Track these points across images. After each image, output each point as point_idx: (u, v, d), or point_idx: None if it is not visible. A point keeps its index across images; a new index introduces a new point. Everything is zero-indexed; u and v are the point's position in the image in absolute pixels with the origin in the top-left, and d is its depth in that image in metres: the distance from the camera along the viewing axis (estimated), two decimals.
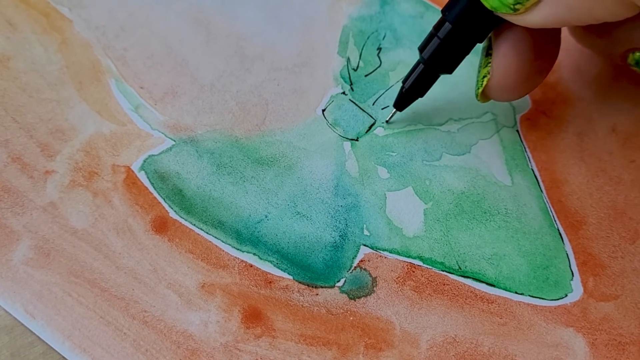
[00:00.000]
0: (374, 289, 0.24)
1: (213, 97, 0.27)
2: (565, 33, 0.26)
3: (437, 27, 0.23)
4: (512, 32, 0.22)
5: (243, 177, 0.25)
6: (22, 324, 0.22)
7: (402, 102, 0.26)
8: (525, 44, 0.22)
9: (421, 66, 0.25)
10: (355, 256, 0.24)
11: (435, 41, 0.24)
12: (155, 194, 0.24)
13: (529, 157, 0.27)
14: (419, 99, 0.26)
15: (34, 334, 0.22)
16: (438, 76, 0.25)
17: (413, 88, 0.25)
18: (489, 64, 0.23)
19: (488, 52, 0.24)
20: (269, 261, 0.24)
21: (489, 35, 0.23)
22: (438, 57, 0.24)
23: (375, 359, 0.22)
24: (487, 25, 0.23)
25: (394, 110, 0.27)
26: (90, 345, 0.22)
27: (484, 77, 0.24)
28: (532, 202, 0.26)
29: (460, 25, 0.23)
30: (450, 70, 0.24)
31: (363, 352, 0.22)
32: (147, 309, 0.22)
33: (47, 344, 0.22)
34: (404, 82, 0.26)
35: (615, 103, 0.28)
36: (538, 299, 0.24)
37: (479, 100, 0.24)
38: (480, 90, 0.24)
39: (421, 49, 0.24)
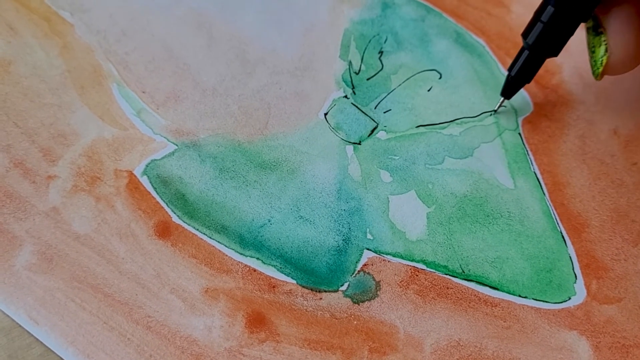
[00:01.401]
0: (378, 293, 0.24)
1: (215, 101, 0.27)
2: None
3: (540, 11, 0.24)
4: (621, 8, 0.23)
5: (246, 182, 0.25)
6: (20, 326, 0.22)
7: (509, 90, 0.27)
8: (636, 16, 0.23)
9: (526, 52, 0.25)
10: (359, 260, 0.24)
11: (539, 26, 0.24)
12: (158, 199, 0.24)
13: (531, 160, 0.27)
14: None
15: (32, 335, 0.22)
16: (544, 60, 0.25)
17: (520, 75, 0.26)
18: (604, 42, 0.24)
19: (598, 31, 0.24)
20: (272, 265, 0.24)
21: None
22: (543, 41, 0.24)
23: None
24: (590, 4, 0.23)
25: (502, 99, 0.27)
26: (94, 351, 0.21)
27: (602, 56, 0.24)
28: (535, 205, 0.26)
29: (563, 7, 0.23)
30: (556, 53, 0.25)
31: (367, 356, 0.22)
32: (150, 314, 0.22)
33: (44, 345, 0.22)
34: (509, 69, 0.26)
35: (616, 106, 0.28)
36: (541, 302, 0.24)
37: (597, 79, 0.25)
38: (601, 69, 0.24)
39: (524, 35, 0.25)
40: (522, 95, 0.28)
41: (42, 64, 0.27)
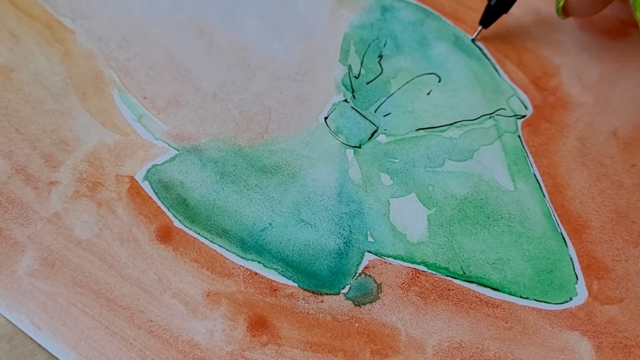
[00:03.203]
0: (379, 295, 0.24)
1: (216, 106, 0.27)
2: (568, 37, 0.26)
3: None
4: None
5: (247, 186, 0.25)
6: (23, 332, 0.22)
7: (487, 19, 0.29)
8: None
9: None
10: (360, 263, 0.24)
11: None
12: (159, 204, 0.24)
13: (530, 162, 0.27)
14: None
15: (35, 342, 0.22)
16: None
17: (498, 4, 0.28)
18: None
19: None
20: (273, 269, 0.24)
21: None
22: None
23: None
24: None
25: (480, 27, 0.29)
26: (96, 356, 0.22)
27: None
28: (535, 206, 0.26)
29: None
30: None
31: (369, 358, 0.22)
32: (152, 319, 0.22)
33: (47, 352, 0.22)
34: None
35: (615, 107, 0.28)
36: (543, 303, 0.24)
37: (559, 16, 0.27)
38: (561, 4, 0.26)
39: None
40: (521, 98, 0.28)
41: (43, 70, 0.27)
